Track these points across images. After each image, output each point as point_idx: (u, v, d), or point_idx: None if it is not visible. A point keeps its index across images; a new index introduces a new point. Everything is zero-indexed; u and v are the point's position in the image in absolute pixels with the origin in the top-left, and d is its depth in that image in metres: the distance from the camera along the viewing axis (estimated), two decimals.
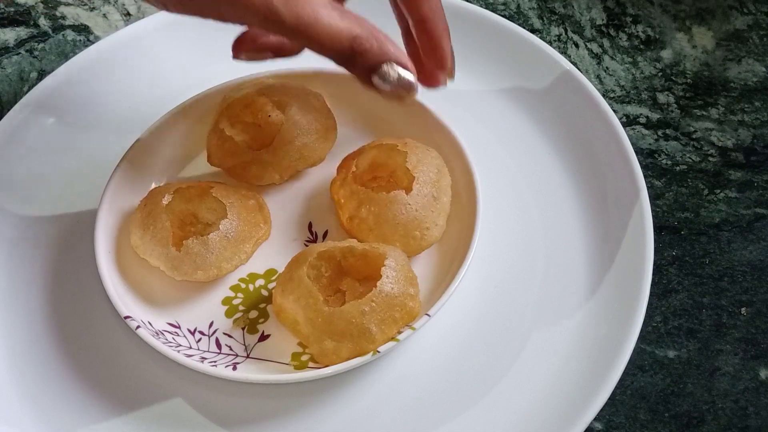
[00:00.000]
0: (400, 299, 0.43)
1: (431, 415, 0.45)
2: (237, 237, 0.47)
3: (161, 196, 0.48)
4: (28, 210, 0.53)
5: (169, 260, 0.46)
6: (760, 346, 0.49)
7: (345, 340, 0.43)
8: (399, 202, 0.47)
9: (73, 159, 0.55)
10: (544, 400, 0.45)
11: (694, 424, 0.46)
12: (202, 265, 0.46)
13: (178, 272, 0.46)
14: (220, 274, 0.47)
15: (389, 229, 0.47)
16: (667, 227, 0.53)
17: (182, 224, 0.48)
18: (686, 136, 0.57)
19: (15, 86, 0.60)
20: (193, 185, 0.49)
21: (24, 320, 0.49)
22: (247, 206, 0.48)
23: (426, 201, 0.47)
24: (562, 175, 0.53)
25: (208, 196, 0.48)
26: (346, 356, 0.43)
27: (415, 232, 0.47)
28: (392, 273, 0.44)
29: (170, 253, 0.46)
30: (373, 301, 0.43)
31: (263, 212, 0.49)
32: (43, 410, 0.46)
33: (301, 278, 0.44)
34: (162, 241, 0.46)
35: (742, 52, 0.60)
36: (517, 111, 0.55)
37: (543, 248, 0.50)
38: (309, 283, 0.44)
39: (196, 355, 0.45)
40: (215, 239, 0.46)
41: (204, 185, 0.49)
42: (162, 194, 0.48)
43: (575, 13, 0.63)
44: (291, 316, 0.45)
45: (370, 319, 0.43)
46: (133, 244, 0.47)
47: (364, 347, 0.43)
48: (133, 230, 0.48)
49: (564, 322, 0.47)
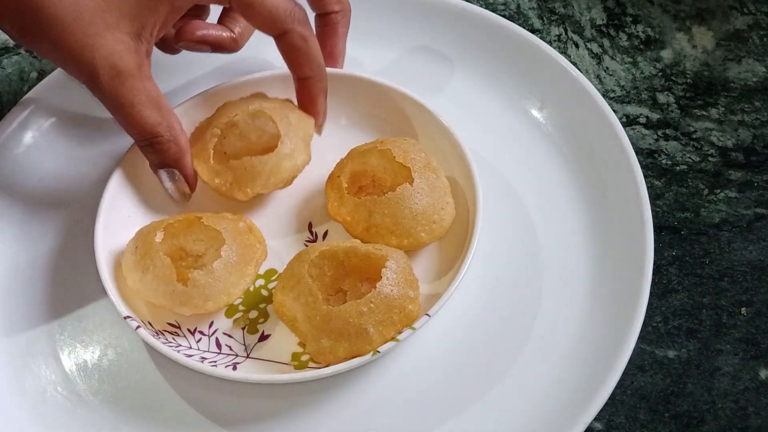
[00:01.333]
0: (399, 301, 0.43)
1: (431, 415, 0.45)
2: (239, 260, 0.46)
3: (153, 235, 0.46)
4: (28, 210, 0.53)
5: (176, 297, 0.45)
6: (760, 346, 0.49)
7: (342, 340, 0.43)
8: (408, 196, 0.47)
9: (73, 159, 0.55)
10: (544, 400, 0.45)
11: (694, 424, 0.46)
12: (212, 295, 0.45)
13: (187, 307, 0.45)
14: (229, 301, 0.46)
15: (410, 222, 0.47)
16: (667, 227, 0.53)
17: (173, 260, 0.46)
18: (686, 136, 0.57)
19: (15, 86, 0.60)
20: (179, 218, 0.47)
21: (23, 320, 0.49)
22: (238, 229, 0.47)
23: (430, 185, 0.47)
24: (562, 175, 0.53)
25: (195, 226, 0.47)
26: (343, 356, 0.43)
27: (434, 216, 0.47)
28: (392, 275, 0.44)
29: (177, 289, 0.45)
30: (371, 302, 0.43)
31: (254, 233, 0.49)
32: (39, 409, 0.46)
33: (302, 276, 0.44)
34: (165, 279, 0.45)
35: (742, 52, 0.60)
36: (517, 111, 0.55)
37: (543, 248, 0.50)
38: (309, 281, 0.44)
39: (196, 355, 0.45)
40: (220, 267, 0.45)
41: (191, 217, 0.47)
42: (153, 233, 0.47)
43: (575, 13, 0.63)
44: (290, 313, 0.45)
45: (368, 320, 0.43)
46: (131, 287, 0.46)
47: (361, 347, 0.43)
48: (128, 275, 0.46)
49: (564, 322, 0.47)
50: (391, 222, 0.47)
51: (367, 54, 0.57)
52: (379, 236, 0.47)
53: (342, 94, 0.54)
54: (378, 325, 0.43)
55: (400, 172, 0.48)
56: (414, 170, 0.47)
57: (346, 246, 0.45)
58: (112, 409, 0.46)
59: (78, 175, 0.54)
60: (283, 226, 0.51)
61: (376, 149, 0.49)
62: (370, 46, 0.58)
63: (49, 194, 0.53)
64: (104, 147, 0.54)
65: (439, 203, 0.47)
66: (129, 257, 0.46)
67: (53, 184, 0.54)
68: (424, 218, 0.47)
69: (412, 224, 0.47)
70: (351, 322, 0.43)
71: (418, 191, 0.47)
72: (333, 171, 0.50)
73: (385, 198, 0.47)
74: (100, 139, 0.55)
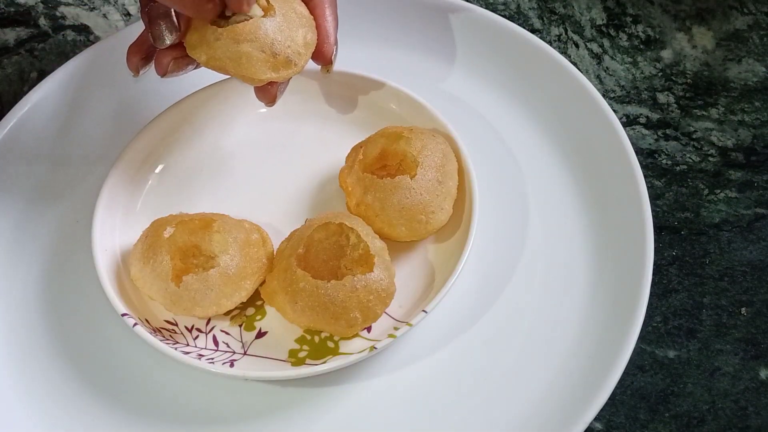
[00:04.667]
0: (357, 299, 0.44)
1: (429, 414, 0.45)
2: (238, 273, 0.45)
3: (163, 229, 0.46)
4: (28, 209, 0.53)
5: (167, 295, 0.45)
6: (760, 346, 0.49)
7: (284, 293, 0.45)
8: (403, 187, 0.47)
9: (72, 158, 0.55)
10: (544, 400, 0.45)
11: (694, 424, 0.46)
12: (201, 302, 0.45)
13: (176, 307, 0.45)
14: (219, 311, 0.46)
15: (394, 213, 0.47)
16: (667, 227, 0.53)
17: (185, 256, 0.46)
18: (686, 136, 0.57)
19: (15, 86, 0.61)
20: (196, 217, 0.47)
21: (21, 317, 0.49)
22: (249, 241, 0.47)
23: (430, 185, 0.47)
24: (562, 174, 0.53)
25: (210, 228, 0.47)
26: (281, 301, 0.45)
27: (420, 216, 0.47)
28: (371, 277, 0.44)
29: (169, 288, 0.45)
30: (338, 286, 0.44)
31: (266, 247, 0.47)
32: (39, 407, 0.46)
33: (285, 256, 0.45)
34: (161, 276, 0.45)
35: (742, 52, 0.60)
36: (517, 111, 0.55)
37: (543, 248, 0.50)
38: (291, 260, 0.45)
39: (193, 353, 0.45)
40: (215, 275, 0.45)
41: (207, 218, 0.47)
42: (164, 227, 0.47)
43: (575, 13, 0.63)
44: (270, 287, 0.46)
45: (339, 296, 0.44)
46: (132, 276, 0.47)
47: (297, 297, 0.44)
48: (133, 263, 0.47)
49: (564, 321, 0.47)
50: (379, 207, 0.47)
51: (367, 54, 0.57)
52: (366, 216, 0.48)
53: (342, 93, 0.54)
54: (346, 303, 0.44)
55: (413, 163, 0.48)
56: (421, 166, 0.47)
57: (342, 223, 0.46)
58: (109, 406, 0.46)
59: (78, 175, 0.54)
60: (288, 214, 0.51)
61: (404, 134, 0.49)
62: (369, 46, 0.58)
63: (48, 194, 0.53)
64: (104, 147, 0.54)
65: (432, 206, 0.47)
66: (138, 245, 0.47)
67: (53, 183, 0.54)
68: (410, 214, 0.47)
69: (395, 215, 0.47)
70: (314, 291, 0.44)
71: (414, 187, 0.47)
72: (364, 140, 0.50)
73: (382, 182, 0.47)
74: (99, 139, 0.55)
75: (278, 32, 0.45)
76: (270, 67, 0.46)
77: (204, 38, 0.45)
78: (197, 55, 0.46)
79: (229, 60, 0.45)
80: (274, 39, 0.45)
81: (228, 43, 0.45)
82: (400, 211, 0.47)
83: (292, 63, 0.46)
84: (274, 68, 0.46)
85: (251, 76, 0.46)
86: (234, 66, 0.45)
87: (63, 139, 0.55)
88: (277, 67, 0.46)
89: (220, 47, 0.45)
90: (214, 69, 0.46)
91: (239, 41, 0.45)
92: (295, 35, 0.46)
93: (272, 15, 0.46)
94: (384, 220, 0.47)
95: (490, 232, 0.50)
